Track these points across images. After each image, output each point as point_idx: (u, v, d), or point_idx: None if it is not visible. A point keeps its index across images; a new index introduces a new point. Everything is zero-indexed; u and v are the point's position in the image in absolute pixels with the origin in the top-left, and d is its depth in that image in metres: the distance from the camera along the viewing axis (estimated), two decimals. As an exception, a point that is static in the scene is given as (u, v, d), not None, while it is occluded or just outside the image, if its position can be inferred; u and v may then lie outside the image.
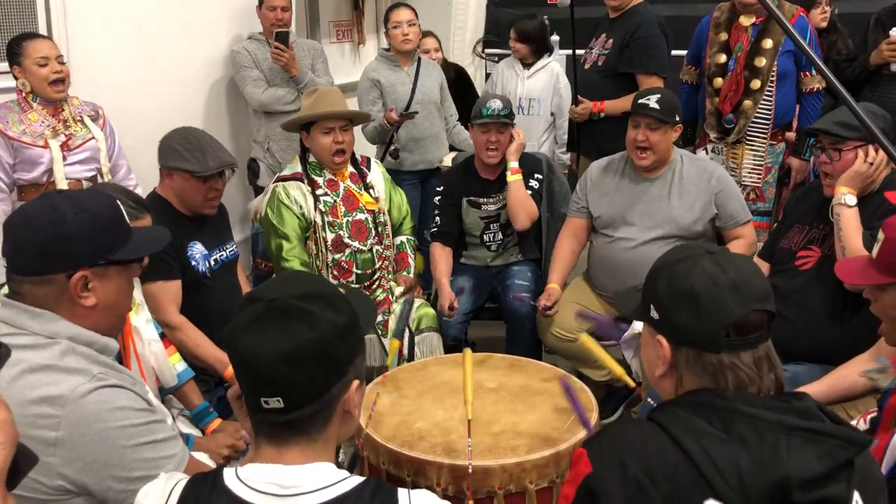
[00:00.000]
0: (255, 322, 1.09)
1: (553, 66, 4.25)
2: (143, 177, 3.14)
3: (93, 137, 2.91)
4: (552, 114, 4.24)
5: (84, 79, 3.03)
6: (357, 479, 1.11)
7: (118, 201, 1.49)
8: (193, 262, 2.53)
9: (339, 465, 1.17)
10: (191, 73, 3.80)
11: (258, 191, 3.99)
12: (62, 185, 2.79)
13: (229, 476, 1.10)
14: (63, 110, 2.86)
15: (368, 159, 3.13)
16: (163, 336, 2.22)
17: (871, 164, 2.27)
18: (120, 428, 1.33)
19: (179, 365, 2.25)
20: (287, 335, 1.07)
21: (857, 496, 1.09)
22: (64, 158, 2.82)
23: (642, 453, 1.11)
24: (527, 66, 4.23)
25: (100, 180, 2.94)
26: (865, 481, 1.11)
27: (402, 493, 1.13)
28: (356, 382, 1.15)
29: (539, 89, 4.20)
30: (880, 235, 1.62)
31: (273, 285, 1.18)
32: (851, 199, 2.27)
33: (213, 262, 2.61)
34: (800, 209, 2.55)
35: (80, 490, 1.33)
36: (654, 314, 1.21)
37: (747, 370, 1.15)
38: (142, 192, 3.06)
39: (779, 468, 1.06)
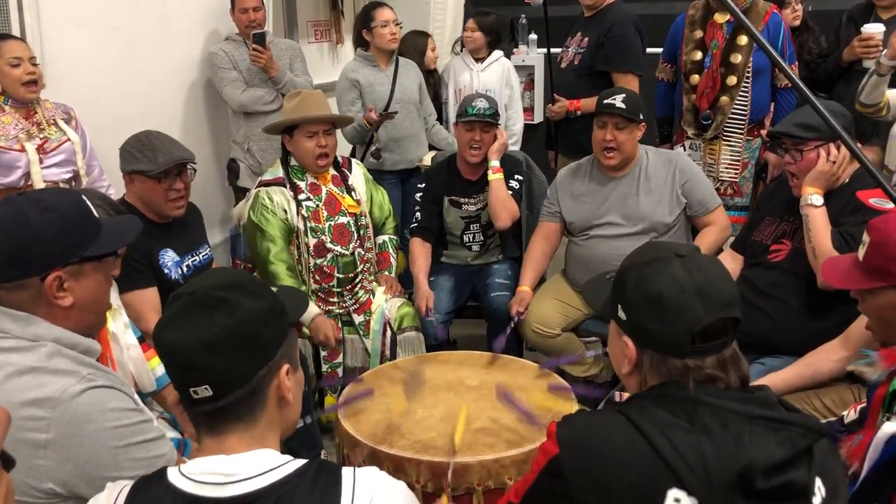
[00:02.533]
0: (175, 316, 1.12)
1: (504, 60, 4.31)
2: (117, 179, 3.12)
3: (68, 139, 2.89)
4: (505, 106, 4.29)
5: (58, 81, 3.01)
6: (299, 462, 1.12)
7: (84, 197, 1.47)
8: (165, 270, 2.52)
9: None
10: (167, 74, 3.77)
11: (238, 191, 3.98)
12: (39, 187, 2.76)
13: (173, 473, 1.12)
14: (36, 113, 2.84)
15: (349, 160, 3.13)
16: (142, 340, 2.21)
17: (834, 162, 2.30)
18: (111, 429, 1.33)
19: (159, 369, 2.22)
20: (207, 324, 1.10)
21: (818, 482, 1.12)
22: (40, 161, 2.79)
23: (609, 442, 1.14)
24: (479, 59, 4.26)
25: (75, 183, 2.92)
26: (826, 468, 1.14)
27: (346, 471, 1.13)
28: (286, 367, 1.17)
29: (494, 81, 4.22)
30: (865, 238, 1.61)
31: (193, 281, 1.20)
32: (818, 199, 2.30)
33: (185, 269, 2.60)
34: (771, 202, 2.59)
35: (69, 494, 1.33)
36: (622, 314, 1.23)
37: (710, 373, 1.16)
38: (115, 193, 3.05)
39: (742, 456, 1.08)
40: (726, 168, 3.48)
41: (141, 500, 1.11)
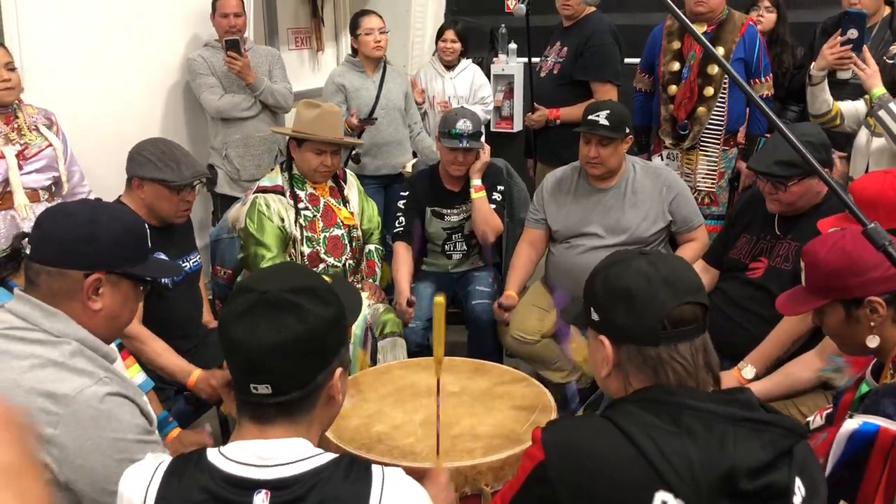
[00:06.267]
0: (246, 313, 1.15)
1: (473, 67, 4.51)
2: (97, 184, 3.10)
3: (49, 145, 2.85)
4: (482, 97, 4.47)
5: (35, 85, 2.98)
6: (331, 455, 1.17)
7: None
8: None
9: None
10: (147, 78, 3.75)
11: (216, 197, 3.97)
12: (19, 194, 2.73)
13: (212, 453, 1.16)
14: (17, 118, 2.81)
15: (346, 172, 3.16)
16: (121, 347, 2.19)
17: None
18: (114, 440, 1.35)
19: (139, 376, 2.22)
20: (277, 327, 1.13)
21: (798, 482, 1.14)
22: (20, 167, 2.75)
23: (595, 446, 1.15)
24: (450, 67, 4.39)
25: (56, 189, 2.89)
26: (805, 468, 1.16)
27: (375, 469, 1.18)
28: (339, 370, 1.22)
29: (465, 88, 4.40)
30: (801, 264, 1.68)
31: (263, 277, 1.23)
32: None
33: None
34: (745, 219, 2.60)
35: (64, 486, 1.36)
36: (595, 316, 1.26)
37: (685, 363, 1.19)
38: (94, 198, 3.02)
39: (726, 458, 1.10)
40: (703, 178, 3.52)
41: (177, 478, 1.15)
